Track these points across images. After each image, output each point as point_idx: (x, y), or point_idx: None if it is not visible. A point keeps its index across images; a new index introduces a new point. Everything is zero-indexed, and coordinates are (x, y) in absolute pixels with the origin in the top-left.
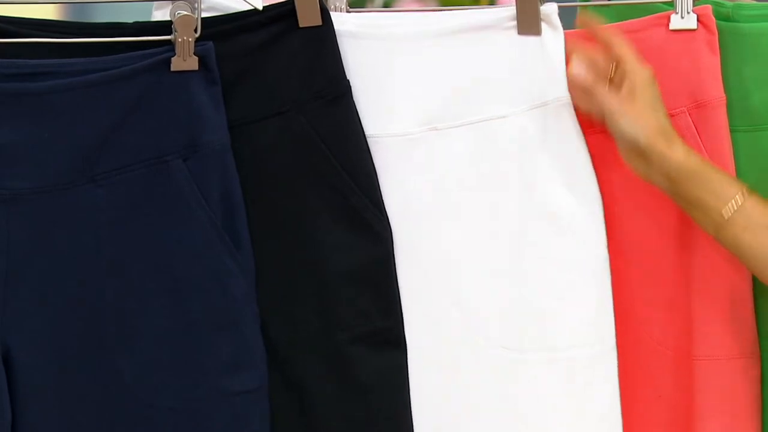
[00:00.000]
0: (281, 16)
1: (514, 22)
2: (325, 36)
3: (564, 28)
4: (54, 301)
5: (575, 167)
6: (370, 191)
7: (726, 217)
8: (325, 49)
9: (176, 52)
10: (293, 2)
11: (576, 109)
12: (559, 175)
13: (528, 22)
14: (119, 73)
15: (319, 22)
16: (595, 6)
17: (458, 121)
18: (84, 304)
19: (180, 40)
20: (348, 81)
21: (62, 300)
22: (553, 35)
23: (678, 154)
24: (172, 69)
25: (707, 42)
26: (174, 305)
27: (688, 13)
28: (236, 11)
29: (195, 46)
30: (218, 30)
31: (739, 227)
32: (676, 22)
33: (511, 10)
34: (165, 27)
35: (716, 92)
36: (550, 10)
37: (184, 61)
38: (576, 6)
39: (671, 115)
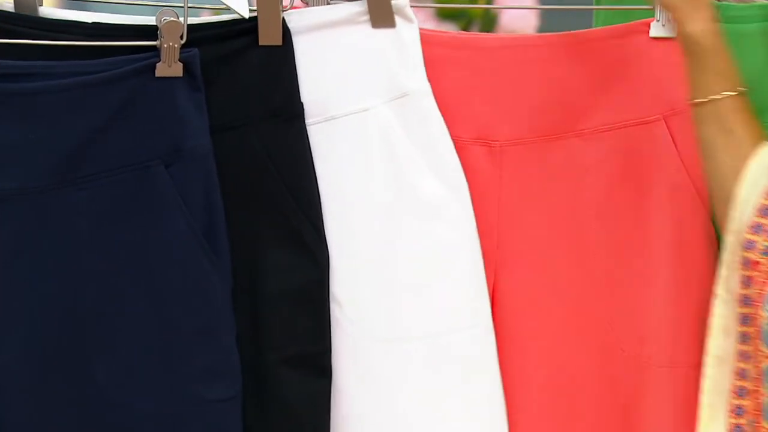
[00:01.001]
0: (244, 32)
1: (368, 17)
2: (284, 56)
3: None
4: (34, 303)
5: (439, 154)
6: (313, 214)
7: (696, 103)
8: (284, 69)
9: (161, 57)
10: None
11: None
12: (425, 162)
13: (381, 15)
14: (105, 77)
15: (279, 41)
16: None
17: (320, 117)
18: (64, 307)
19: (165, 46)
20: (302, 104)
21: (42, 302)
22: (407, 27)
23: (692, 28)
24: (157, 74)
25: None
26: (152, 310)
27: (668, 20)
28: (206, 22)
29: (180, 52)
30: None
31: (704, 118)
32: (657, 29)
33: (363, 5)
34: (150, 32)
35: None
36: (402, 3)
37: (169, 67)
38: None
39: (646, 122)
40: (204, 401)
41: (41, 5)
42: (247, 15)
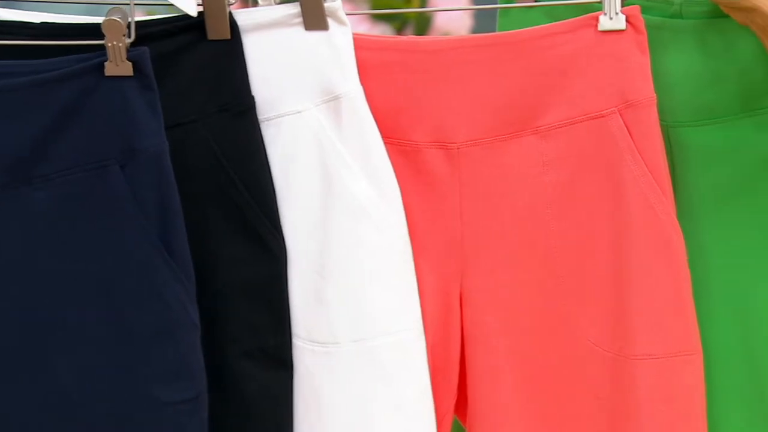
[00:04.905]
0: (191, 27)
1: (301, 19)
2: (233, 50)
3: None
4: None
5: (371, 156)
6: (267, 207)
7: None
8: (233, 63)
9: (108, 56)
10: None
11: None
12: (357, 165)
13: (313, 18)
14: (52, 77)
15: (227, 35)
16: (522, 7)
17: None
18: (20, 308)
19: (110, 44)
20: (253, 96)
21: None
22: (340, 30)
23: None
24: (106, 74)
25: (636, 42)
26: (108, 312)
27: (616, 14)
28: (152, 18)
29: (128, 51)
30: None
31: None
32: (605, 23)
33: (297, 7)
34: (100, 31)
35: (646, 92)
36: (335, 6)
37: (117, 66)
38: (499, 8)
39: (601, 116)
40: (162, 403)
41: None
42: (194, 13)
